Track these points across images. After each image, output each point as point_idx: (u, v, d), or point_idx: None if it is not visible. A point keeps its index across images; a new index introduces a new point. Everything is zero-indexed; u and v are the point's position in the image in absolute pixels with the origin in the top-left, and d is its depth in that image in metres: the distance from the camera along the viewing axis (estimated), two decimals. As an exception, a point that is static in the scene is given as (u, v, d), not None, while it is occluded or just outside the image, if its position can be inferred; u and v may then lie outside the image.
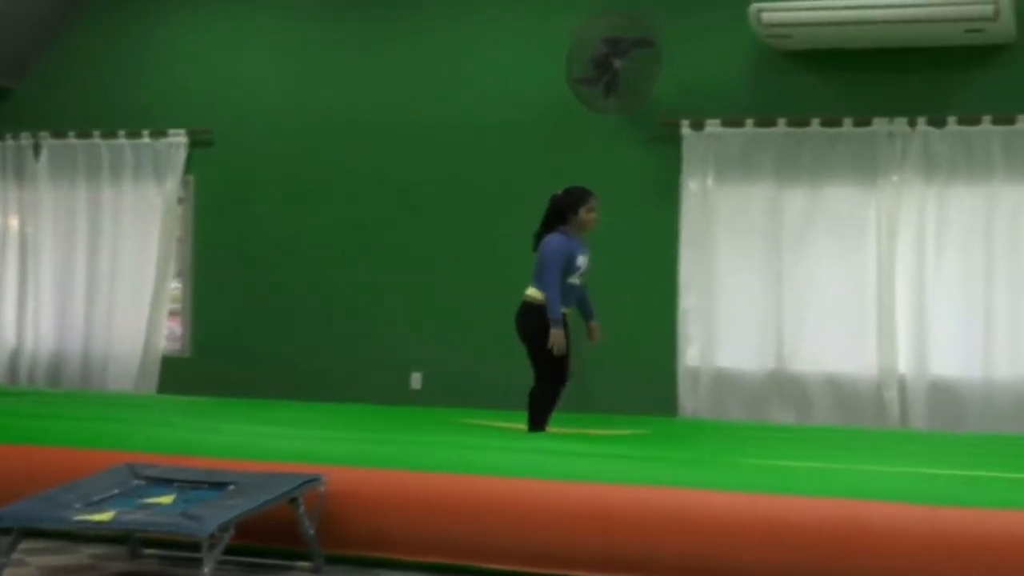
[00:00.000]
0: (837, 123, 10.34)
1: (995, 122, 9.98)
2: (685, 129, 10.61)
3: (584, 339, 8.73)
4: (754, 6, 9.77)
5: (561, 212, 8.38)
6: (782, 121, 10.43)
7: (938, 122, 10.14)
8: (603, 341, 8.72)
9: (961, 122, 10.07)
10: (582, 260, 8.33)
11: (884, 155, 10.25)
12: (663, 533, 6.80)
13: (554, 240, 8.34)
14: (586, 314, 8.67)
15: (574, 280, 8.31)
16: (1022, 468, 7.09)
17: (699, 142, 10.62)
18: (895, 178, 10.21)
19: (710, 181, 10.61)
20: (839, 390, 10.32)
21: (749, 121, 10.50)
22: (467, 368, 11.11)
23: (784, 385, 10.41)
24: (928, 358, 10.12)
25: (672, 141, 10.71)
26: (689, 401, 10.56)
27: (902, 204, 10.24)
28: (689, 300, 10.60)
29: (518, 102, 11.15)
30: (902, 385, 10.13)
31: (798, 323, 10.43)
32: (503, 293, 9.57)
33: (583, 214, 8.35)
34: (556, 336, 8.08)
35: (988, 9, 9.35)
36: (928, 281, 10.17)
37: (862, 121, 10.28)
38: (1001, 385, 9.89)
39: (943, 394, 10.07)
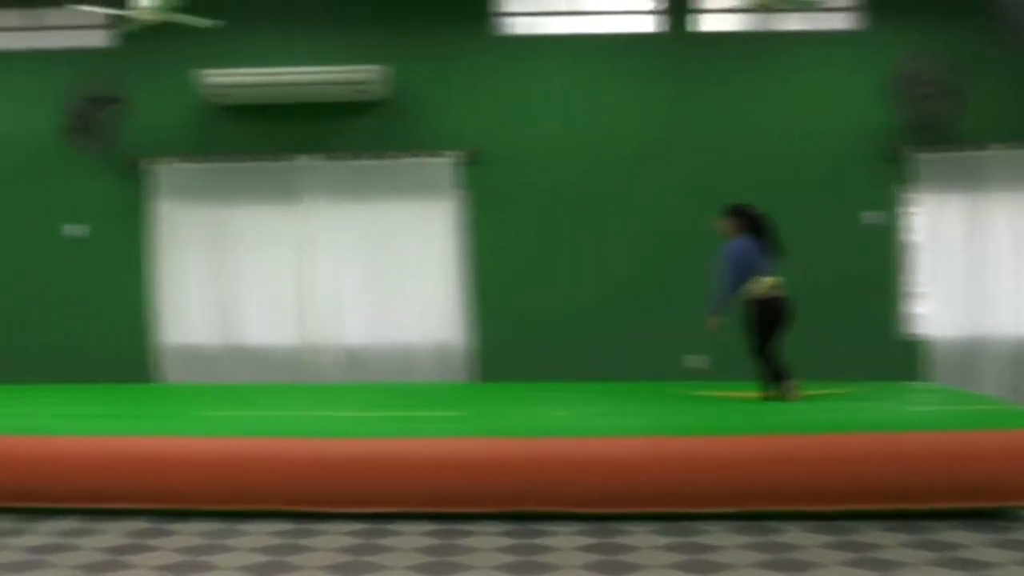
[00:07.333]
0: (263, 158, 11.40)
1: (375, 157, 11.38)
2: (150, 164, 11.41)
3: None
4: (201, 71, 10.92)
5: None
6: (223, 158, 11.42)
7: (336, 156, 11.37)
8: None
9: (352, 156, 11.37)
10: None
11: (299, 182, 11.39)
12: (118, 470, 7.56)
13: None
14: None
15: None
16: (407, 408, 8.12)
17: (159, 174, 11.41)
18: (306, 198, 11.40)
19: (169, 203, 11.41)
20: (270, 356, 11.41)
21: (198, 158, 11.41)
22: None
23: (231, 354, 11.42)
24: (340, 331, 11.36)
25: (139, 173, 11.46)
26: (165, 370, 11.40)
27: (313, 218, 11.42)
28: (161, 291, 11.42)
29: (22, 145, 11.55)
30: (317, 350, 11.38)
31: (243, 307, 11.45)
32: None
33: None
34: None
35: (371, 75, 10.95)
36: (337, 274, 11.40)
37: (282, 157, 11.39)
38: (389, 347, 11.34)
39: (350, 356, 11.36)
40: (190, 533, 7.26)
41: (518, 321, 11.39)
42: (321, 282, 11.47)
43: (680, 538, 6.99)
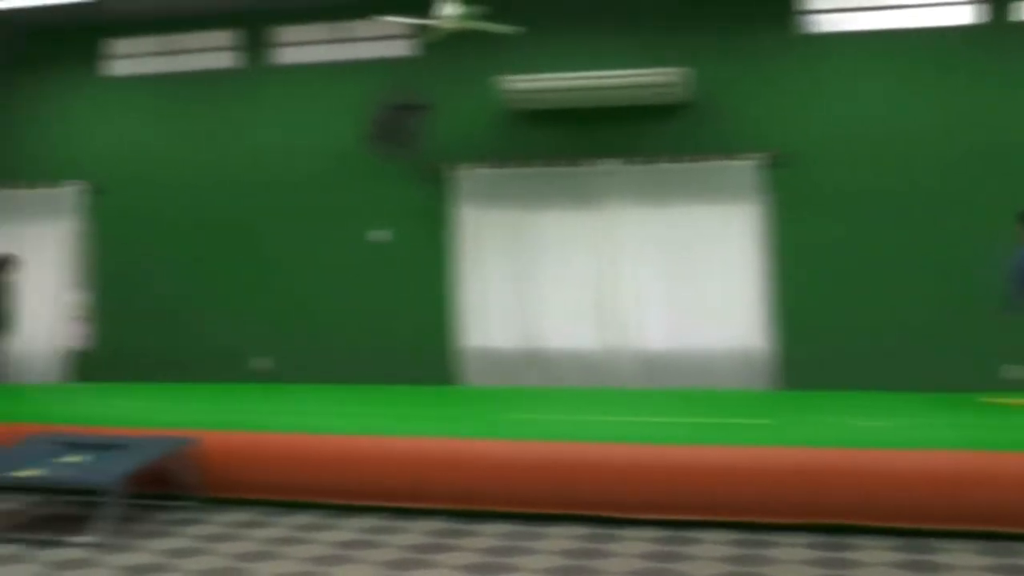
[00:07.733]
0: (562, 163, 11.38)
1: (675, 160, 11.13)
2: (453, 170, 11.60)
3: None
4: (502, 78, 10.99)
5: None
6: (523, 163, 11.46)
7: (636, 160, 11.22)
8: None
9: (653, 160, 11.19)
10: None
11: (599, 186, 11.31)
12: (464, 470, 7.58)
13: None
14: None
15: None
16: (711, 414, 7.82)
17: (461, 179, 11.59)
18: (606, 203, 11.30)
19: (470, 208, 11.57)
20: (570, 360, 11.31)
21: (499, 163, 11.49)
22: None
23: (531, 358, 11.36)
24: (640, 335, 11.16)
25: (443, 179, 11.67)
26: (466, 372, 11.48)
27: (613, 222, 11.31)
28: (462, 295, 11.56)
29: (329, 153, 11.98)
30: (617, 355, 11.20)
31: (542, 311, 11.42)
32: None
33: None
34: None
35: (673, 78, 10.74)
36: (637, 278, 11.20)
37: (581, 161, 11.34)
38: (689, 352, 11.05)
39: (650, 361, 11.12)
40: (490, 535, 7.26)
41: (823, 327, 10.94)
42: (621, 286, 11.33)
43: (1003, 559, 6.49)
